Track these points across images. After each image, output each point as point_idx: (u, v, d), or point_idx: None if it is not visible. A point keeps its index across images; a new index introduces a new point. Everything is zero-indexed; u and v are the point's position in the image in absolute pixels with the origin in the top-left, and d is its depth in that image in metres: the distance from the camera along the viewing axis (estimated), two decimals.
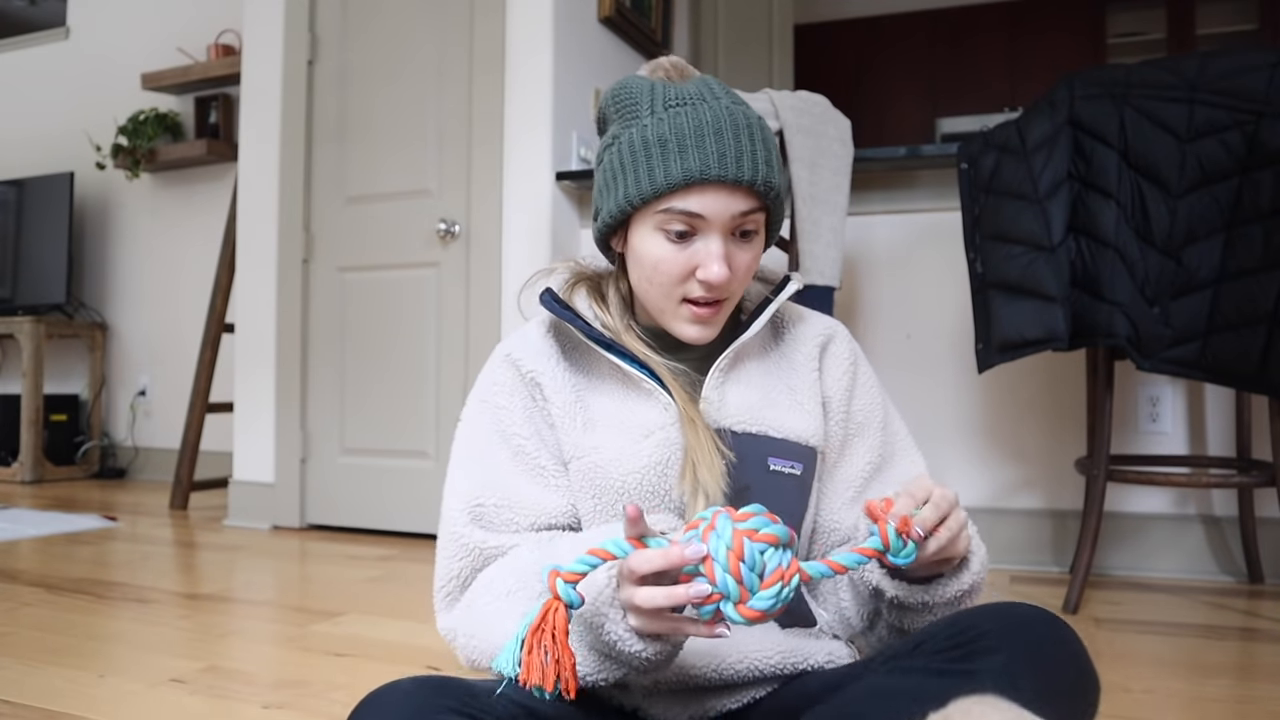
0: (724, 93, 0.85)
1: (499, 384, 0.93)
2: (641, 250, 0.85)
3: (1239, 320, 1.68)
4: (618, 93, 0.87)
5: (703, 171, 0.79)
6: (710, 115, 0.81)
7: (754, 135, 0.82)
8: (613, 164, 0.85)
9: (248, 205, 3.02)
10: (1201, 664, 1.55)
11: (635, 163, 0.82)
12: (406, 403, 2.75)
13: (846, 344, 0.97)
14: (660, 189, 0.81)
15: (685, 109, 0.82)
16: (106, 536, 2.70)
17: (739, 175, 0.80)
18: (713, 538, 0.65)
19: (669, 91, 0.84)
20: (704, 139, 0.80)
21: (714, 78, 0.87)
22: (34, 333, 3.95)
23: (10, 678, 1.41)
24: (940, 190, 2.33)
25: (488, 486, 0.89)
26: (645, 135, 0.82)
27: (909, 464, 0.98)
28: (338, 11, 2.88)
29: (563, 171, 2.60)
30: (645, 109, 0.84)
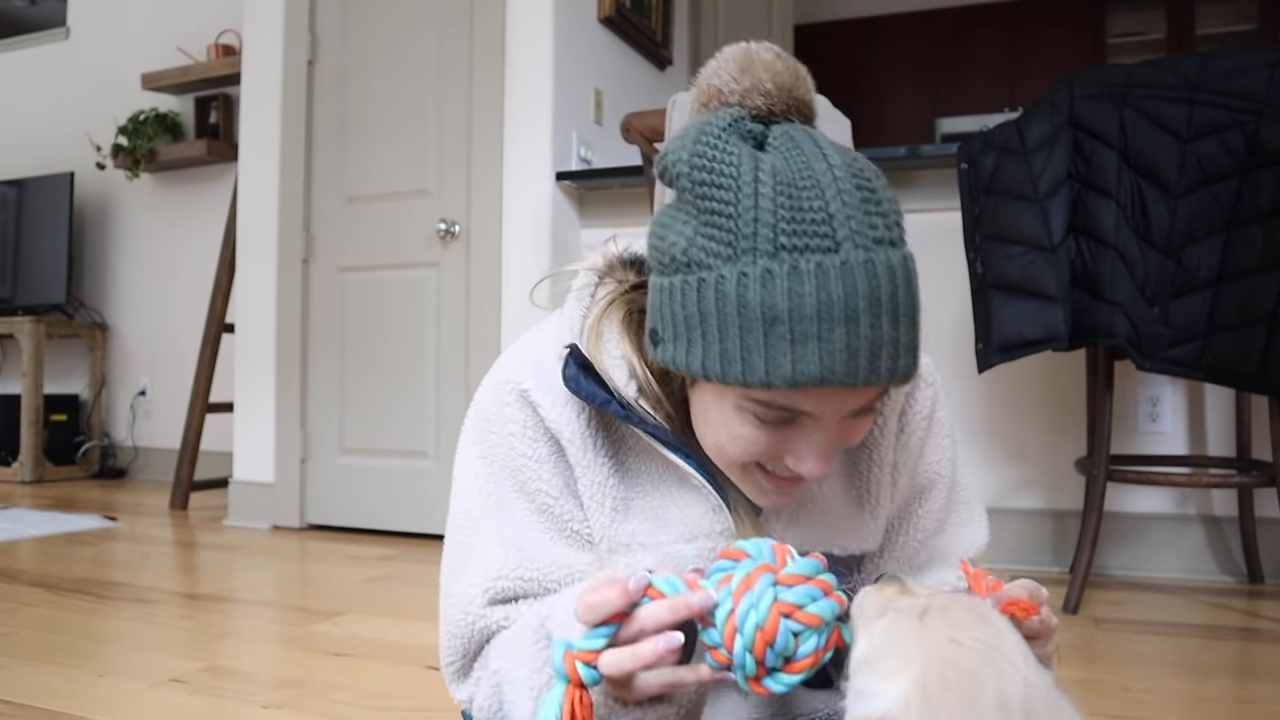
0: (862, 204, 0.58)
1: (514, 424, 0.73)
2: (713, 413, 0.65)
3: (1239, 320, 1.68)
4: (705, 174, 0.60)
5: (824, 377, 0.57)
6: (845, 283, 0.56)
7: (899, 306, 0.58)
8: (688, 307, 0.61)
9: (248, 205, 3.02)
10: (1201, 664, 1.55)
11: (723, 330, 0.59)
12: (406, 403, 2.75)
13: (926, 398, 0.79)
14: (755, 384, 0.59)
15: (809, 260, 0.56)
16: (106, 536, 2.70)
17: (872, 378, 0.58)
18: (745, 600, 0.55)
19: (784, 207, 0.57)
20: (831, 326, 0.56)
21: (852, 152, 0.62)
22: (34, 333, 3.95)
23: (10, 678, 1.41)
24: (940, 190, 2.33)
25: (510, 559, 0.72)
26: (745, 296, 0.57)
27: (970, 528, 0.84)
28: (338, 11, 2.88)
29: (563, 171, 2.60)
30: (746, 234, 0.58)
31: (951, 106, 5.27)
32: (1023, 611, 0.59)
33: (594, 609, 0.57)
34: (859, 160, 0.61)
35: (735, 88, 0.64)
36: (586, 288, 0.76)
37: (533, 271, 2.60)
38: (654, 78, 3.33)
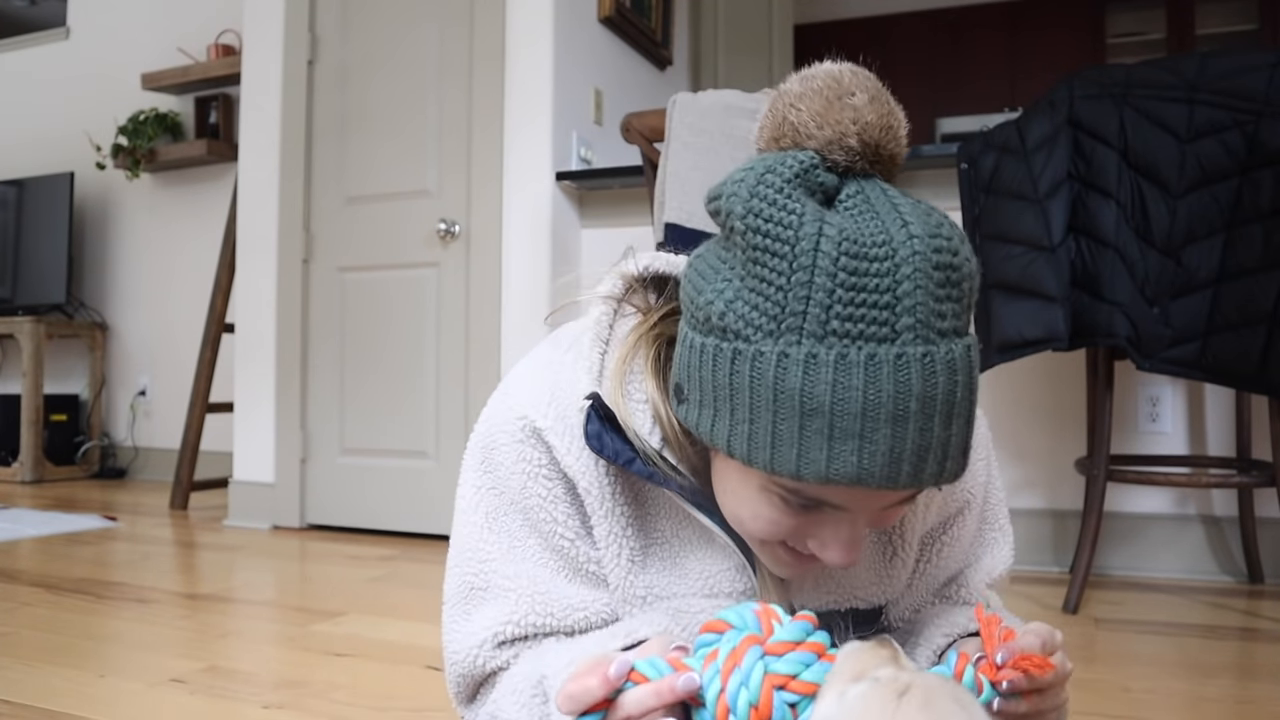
0: (937, 287, 0.52)
1: (527, 462, 0.69)
2: (734, 486, 0.61)
3: (1239, 320, 1.68)
4: (760, 230, 0.54)
5: (861, 478, 0.52)
6: (899, 380, 0.51)
7: (954, 406, 0.53)
8: (719, 376, 0.56)
9: (248, 205, 3.02)
10: (1201, 664, 1.55)
11: (755, 411, 0.54)
12: (406, 403, 2.75)
13: None
14: (784, 474, 0.54)
15: (861, 350, 0.51)
16: (106, 536, 2.70)
17: (914, 483, 0.53)
18: (735, 678, 0.51)
19: (844, 285, 0.51)
20: (876, 426, 0.51)
21: (938, 215, 0.56)
22: (34, 333, 3.95)
23: (10, 678, 1.41)
24: (940, 190, 2.33)
25: (522, 604, 0.69)
26: (784, 380, 0.52)
27: (994, 551, 0.80)
28: (338, 11, 2.88)
29: (563, 171, 2.60)
30: (795, 310, 0.52)
31: (951, 106, 5.27)
32: (1035, 668, 0.56)
33: (575, 699, 0.54)
34: (945, 226, 0.54)
35: (815, 134, 0.56)
36: (605, 317, 0.70)
37: (533, 271, 2.60)
38: (654, 78, 3.33)
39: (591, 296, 0.72)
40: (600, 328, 0.70)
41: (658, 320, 0.69)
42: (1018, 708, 0.58)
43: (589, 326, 0.70)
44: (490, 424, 0.72)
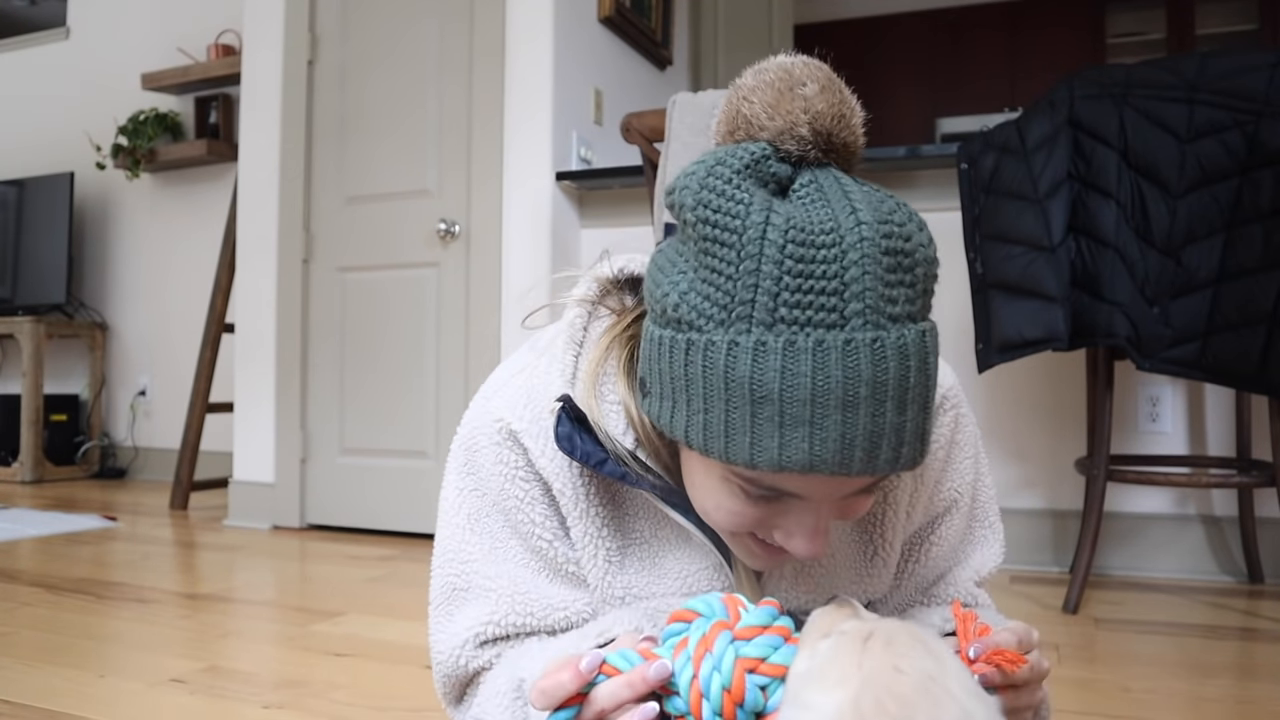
0: (886, 272, 0.52)
1: (505, 465, 0.70)
2: (699, 478, 0.61)
3: (1239, 320, 1.68)
4: (709, 221, 0.54)
5: (813, 465, 0.52)
6: (847, 365, 0.51)
7: (907, 391, 0.52)
8: (675, 368, 0.56)
9: (248, 205, 3.02)
10: (1201, 664, 1.55)
11: (709, 401, 0.54)
12: (406, 402, 2.75)
13: (950, 420, 0.73)
14: (739, 463, 0.54)
15: (809, 336, 0.51)
16: (106, 536, 2.70)
17: (868, 469, 0.53)
18: (706, 663, 0.52)
19: (790, 272, 0.51)
20: (826, 412, 0.51)
21: (893, 203, 0.55)
22: (34, 333, 3.95)
23: (10, 678, 1.41)
24: (940, 190, 2.33)
25: (502, 605, 0.70)
26: (733, 369, 0.52)
27: (983, 549, 0.80)
28: (338, 11, 2.89)
29: (563, 171, 2.60)
30: (744, 298, 0.52)
31: (951, 106, 5.27)
32: (1008, 663, 0.57)
33: (548, 694, 0.54)
34: (898, 213, 0.54)
35: (767, 125, 0.57)
36: (579, 320, 0.71)
37: (532, 271, 2.60)
38: (654, 78, 3.33)
39: (566, 300, 0.72)
40: (574, 330, 0.70)
41: (631, 321, 0.69)
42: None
43: (563, 329, 0.71)
44: (471, 427, 0.73)
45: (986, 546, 0.80)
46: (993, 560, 0.80)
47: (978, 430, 0.78)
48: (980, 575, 0.79)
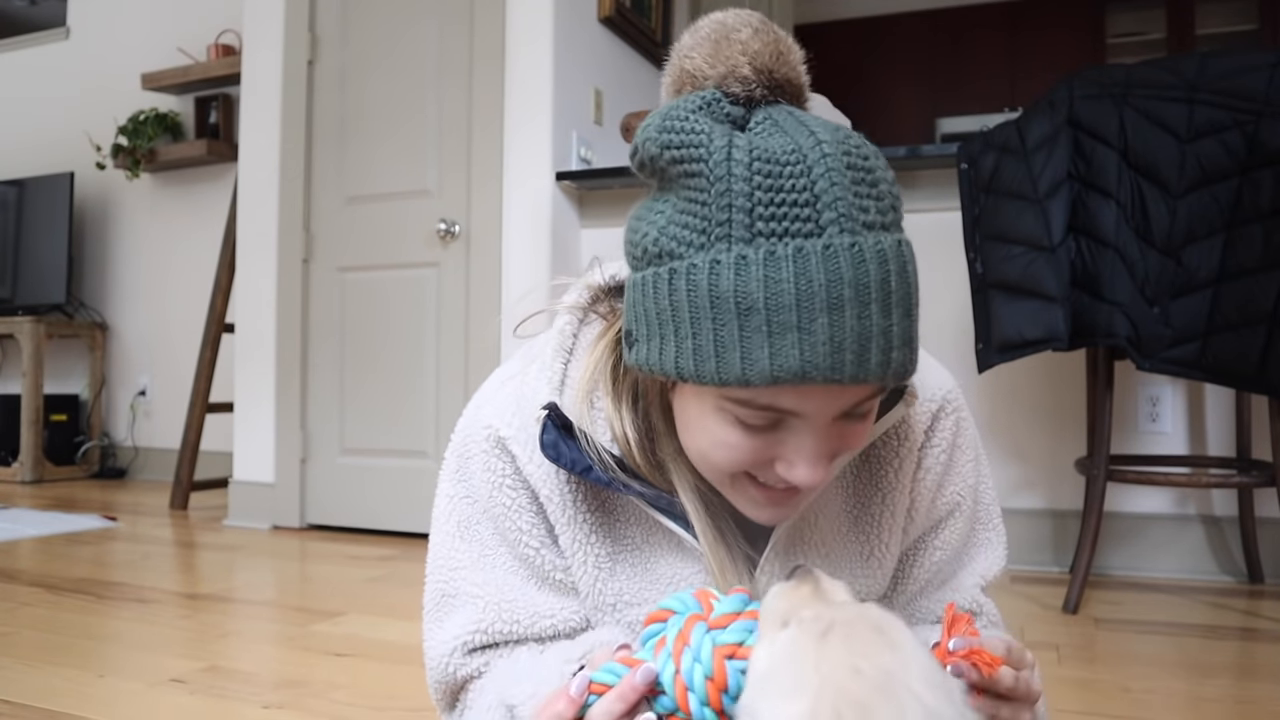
0: (853, 184, 0.53)
1: (493, 473, 0.70)
2: (694, 419, 0.60)
3: (1239, 320, 1.68)
4: (674, 153, 0.56)
5: (805, 371, 0.52)
6: (828, 269, 0.51)
7: (890, 294, 0.53)
8: (660, 300, 0.56)
9: (248, 205, 3.02)
10: (1201, 664, 1.55)
11: (696, 324, 0.54)
12: (406, 402, 2.75)
13: (949, 426, 0.73)
14: (732, 382, 0.54)
15: (788, 245, 0.52)
16: (106, 536, 2.70)
17: (860, 374, 0.52)
18: (686, 656, 0.53)
19: (761, 187, 0.52)
20: (813, 315, 0.51)
21: (847, 129, 0.56)
22: (34, 333, 3.95)
23: (10, 678, 1.41)
24: (940, 190, 2.33)
25: (489, 613, 0.71)
26: (717, 285, 0.53)
27: (986, 553, 0.79)
28: (338, 11, 2.89)
29: (563, 171, 2.60)
30: (720, 219, 0.53)
31: (951, 106, 5.27)
32: (985, 665, 0.55)
33: (608, 712, 0.53)
34: (854, 138, 0.55)
35: (709, 73, 0.58)
36: (568, 327, 0.71)
37: (532, 271, 2.60)
38: (654, 78, 3.33)
39: (558, 307, 0.72)
40: (564, 338, 0.71)
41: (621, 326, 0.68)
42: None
43: (553, 337, 0.71)
44: (463, 435, 0.73)
45: (990, 550, 0.80)
46: (996, 564, 0.80)
47: (978, 434, 0.78)
48: (985, 579, 0.79)
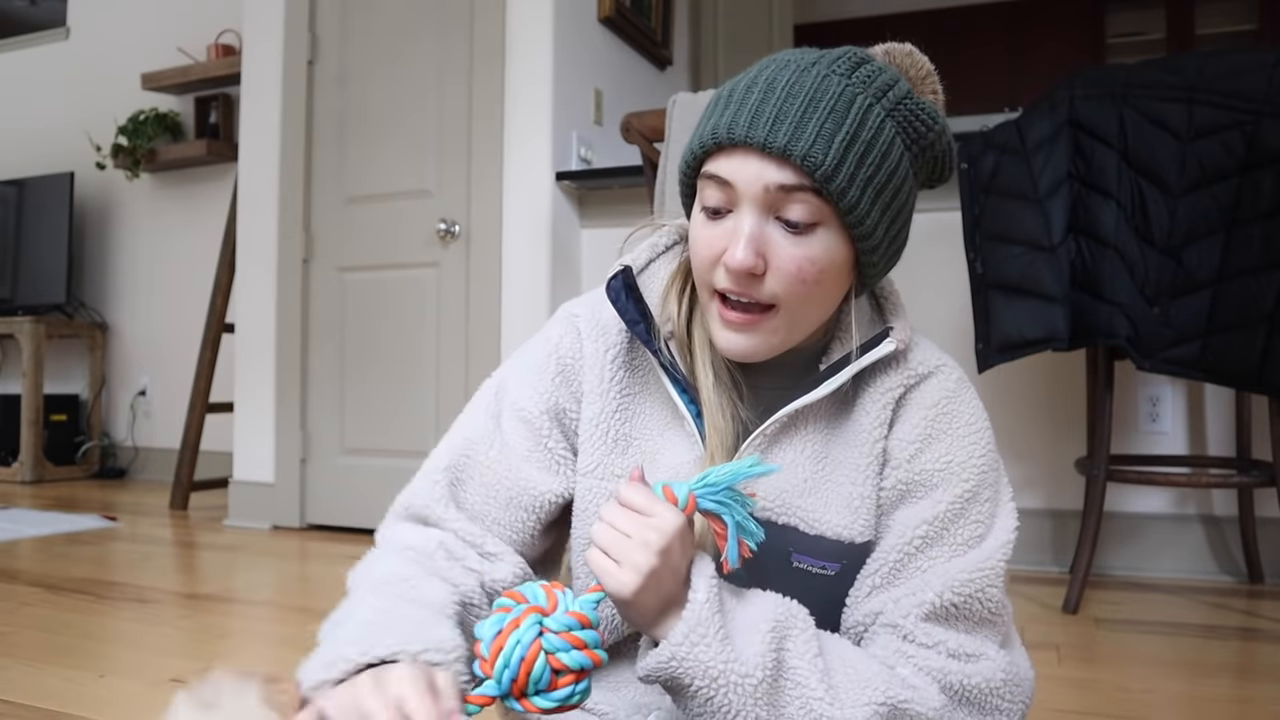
0: (835, 64, 0.69)
1: (547, 338, 0.82)
2: (692, 231, 0.74)
3: (1239, 320, 1.68)
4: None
5: (730, 129, 0.67)
6: (771, 74, 0.68)
7: (814, 103, 0.66)
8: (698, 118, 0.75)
9: (248, 205, 3.02)
10: (1201, 664, 1.55)
11: (700, 118, 0.73)
12: (406, 402, 2.75)
13: (937, 388, 0.75)
14: (694, 149, 0.70)
15: (762, 67, 0.70)
16: (106, 536, 2.70)
17: (768, 139, 0.65)
18: (513, 636, 0.61)
19: (781, 54, 0.71)
20: (747, 96, 0.67)
21: (879, 62, 0.72)
22: (34, 333, 3.95)
23: (10, 678, 1.41)
24: (940, 190, 2.32)
25: (475, 450, 0.79)
26: (716, 93, 0.72)
27: (945, 570, 0.71)
28: (338, 11, 2.88)
29: (563, 171, 2.60)
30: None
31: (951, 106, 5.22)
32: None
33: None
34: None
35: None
36: (664, 239, 0.83)
37: (533, 271, 2.60)
38: (654, 78, 3.33)
39: (662, 223, 0.84)
40: (658, 239, 0.83)
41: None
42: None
43: (649, 240, 0.83)
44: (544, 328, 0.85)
45: (954, 560, 0.71)
46: (952, 579, 0.70)
47: (990, 434, 0.76)
48: (926, 601, 0.69)
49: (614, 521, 0.65)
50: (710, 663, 0.62)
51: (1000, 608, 0.72)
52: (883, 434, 0.74)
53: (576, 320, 0.80)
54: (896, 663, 0.69)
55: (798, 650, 0.65)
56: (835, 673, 0.66)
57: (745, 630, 0.65)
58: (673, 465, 0.75)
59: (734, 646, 0.63)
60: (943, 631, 0.69)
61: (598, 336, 0.78)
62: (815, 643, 0.67)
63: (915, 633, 0.69)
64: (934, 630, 0.69)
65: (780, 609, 0.67)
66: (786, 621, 0.66)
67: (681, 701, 0.64)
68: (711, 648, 0.62)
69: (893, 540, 0.72)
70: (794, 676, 0.64)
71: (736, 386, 0.76)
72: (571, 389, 0.79)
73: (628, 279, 0.77)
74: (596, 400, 0.77)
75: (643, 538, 0.63)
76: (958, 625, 0.70)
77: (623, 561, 0.63)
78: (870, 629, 0.72)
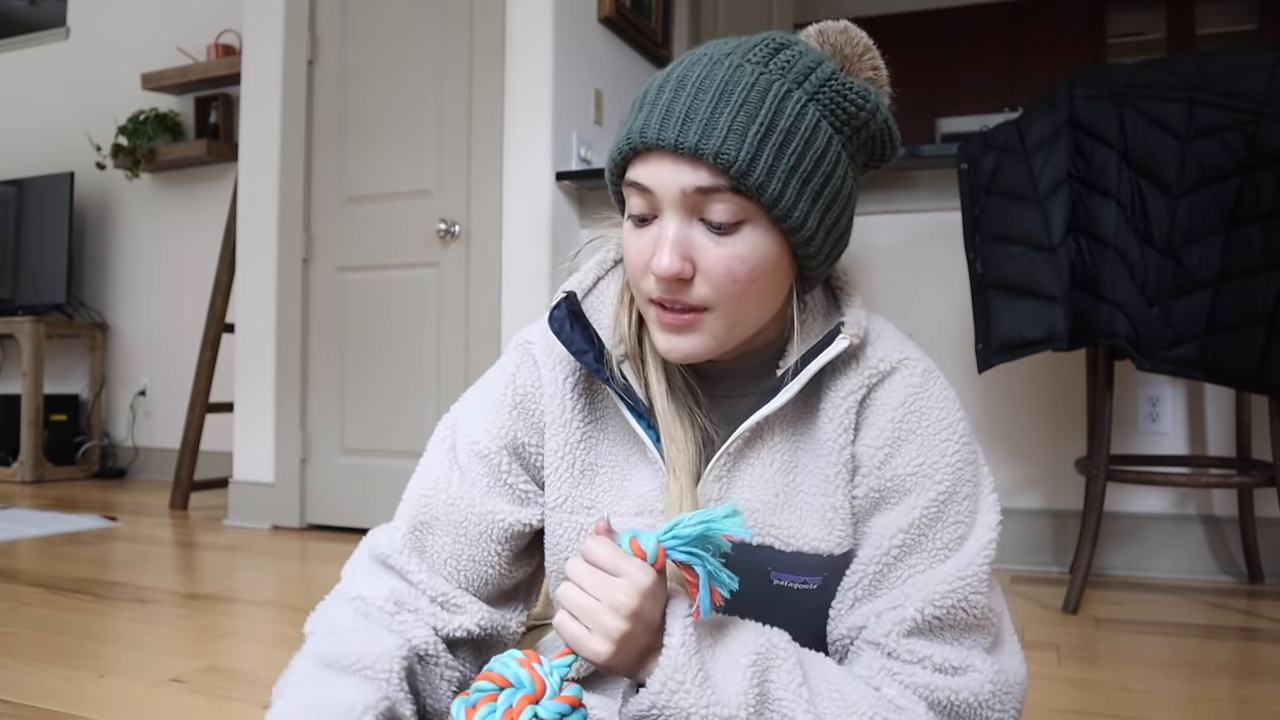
0: (751, 52, 0.67)
1: (503, 370, 0.81)
2: (625, 242, 0.72)
3: (1238, 320, 1.68)
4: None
5: (642, 132, 0.65)
6: (683, 71, 0.66)
7: (724, 97, 0.63)
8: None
9: (248, 205, 3.02)
10: (1201, 664, 1.55)
11: (624, 121, 0.71)
12: (406, 403, 2.75)
13: (901, 386, 0.72)
14: (614, 157, 0.69)
15: (676, 64, 0.68)
16: (106, 536, 2.70)
17: (679, 140, 0.63)
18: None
19: (701, 46, 0.70)
20: (659, 96, 0.65)
21: (789, 37, 0.70)
22: (34, 333, 3.95)
23: (10, 678, 1.41)
24: (940, 190, 2.33)
25: (436, 490, 0.79)
26: (638, 92, 0.70)
27: (922, 583, 0.68)
28: (338, 11, 2.88)
29: (563, 171, 2.60)
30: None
31: (951, 106, 5.27)
32: None
33: None
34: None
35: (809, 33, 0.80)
36: (611, 254, 0.81)
37: (532, 271, 2.60)
38: None
39: (608, 233, 0.83)
40: (604, 256, 0.81)
41: None
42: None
43: (595, 258, 0.82)
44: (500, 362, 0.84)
45: (936, 569, 0.69)
46: (932, 592, 0.68)
47: (969, 430, 0.74)
48: (908, 617, 0.68)
49: (581, 583, 0.64)
50: (691, 708, 0.61)
51: (986, 611, 0.70)
52: (848, 440, 0.71)
53: (532, 348, 0.79)
54: (882, 682, 0.67)
55: (781, 681, 0.64)
56: (821, 699, 0.64)
57: (726, 668, 0.63)
58: (640, 494, 0.73)
59: (714, 688, 0.62)
60: (927, 646, 0.67)
61: (554, 365, 0.77)
62: (799, 672, 0.65)
63: (899, 650, 0.68)
64: (918, 645, 0.67)
65: (760, 640, 0.66)
66: (768, 653, 0.65)
67: None
68: (691, 693, 0.61)
69: (870, 551, 0.70)
70: (779, 709, 0.63)
71: (693, 392, 0.75)
72: (531, 421, 0.77)
73: (572, 306, 0.75)
74: (560, 431, 0.75)
75: (612, 601, 0.62)
76: (942, 636, 0.68)
77: (594, 629, 0.63)
78: (854, 644, 0.71)
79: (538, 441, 0.77)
